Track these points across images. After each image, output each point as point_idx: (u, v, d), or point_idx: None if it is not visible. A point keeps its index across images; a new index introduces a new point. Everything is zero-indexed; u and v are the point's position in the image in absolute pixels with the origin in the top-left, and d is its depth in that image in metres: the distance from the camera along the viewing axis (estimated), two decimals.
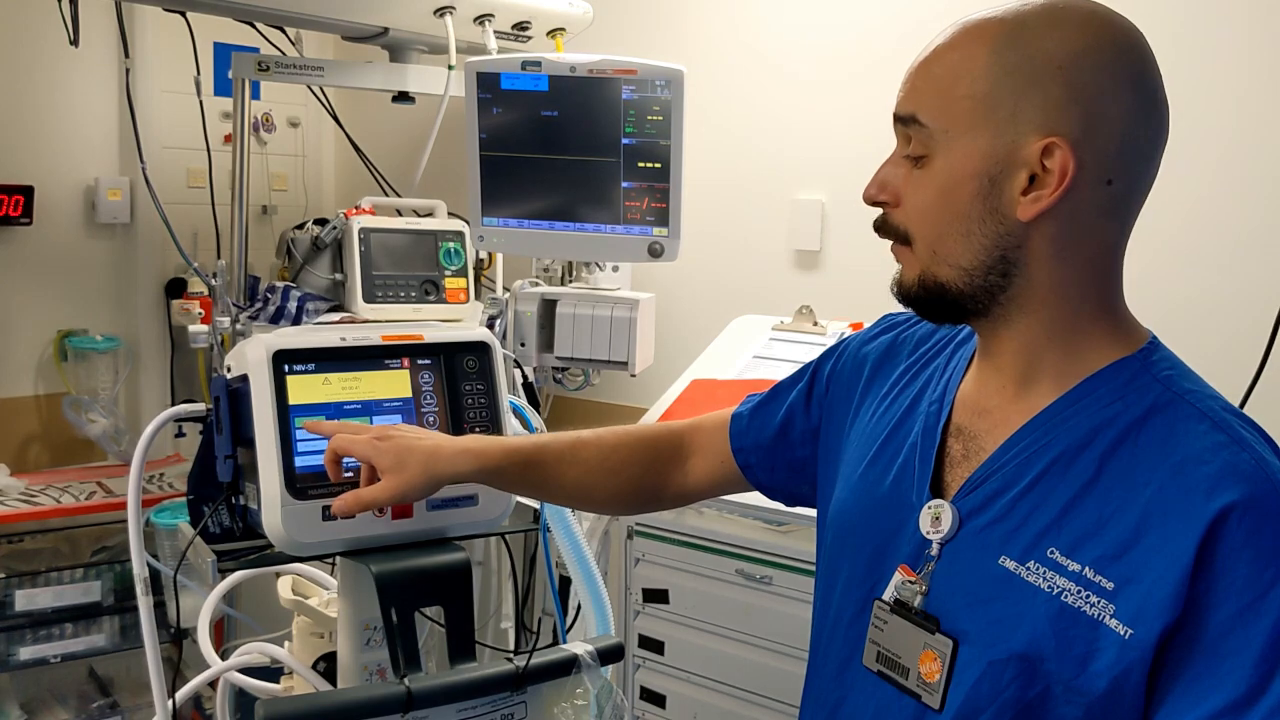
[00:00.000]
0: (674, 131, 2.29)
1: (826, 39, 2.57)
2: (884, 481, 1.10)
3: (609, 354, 2.44)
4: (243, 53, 2.66)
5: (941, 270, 1.00)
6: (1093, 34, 0.94)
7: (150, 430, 1.31)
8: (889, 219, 1.04)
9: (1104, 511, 0.93)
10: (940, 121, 0.97)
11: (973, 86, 0.95)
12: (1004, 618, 0.96)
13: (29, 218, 2.99)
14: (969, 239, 0.98)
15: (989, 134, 0.95)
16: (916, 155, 1.00)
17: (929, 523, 1.03)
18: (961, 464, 1.05)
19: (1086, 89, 0.93)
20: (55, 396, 3.10)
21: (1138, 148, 0.96)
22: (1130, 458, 0.94)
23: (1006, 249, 0.97)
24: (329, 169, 3.69)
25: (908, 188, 1.01)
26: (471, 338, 1.39)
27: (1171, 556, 0.89)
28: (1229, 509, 0.88)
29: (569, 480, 1.29)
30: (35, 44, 2.97)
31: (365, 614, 1.30)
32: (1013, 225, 0.96)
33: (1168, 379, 0.97)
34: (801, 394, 1.29)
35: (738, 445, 1.32)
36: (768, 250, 2.72)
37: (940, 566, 1.02)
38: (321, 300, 2.68)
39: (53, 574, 2.70)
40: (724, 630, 2.06)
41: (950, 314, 1.04)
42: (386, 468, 1.17)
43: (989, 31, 0.96)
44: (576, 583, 1.39)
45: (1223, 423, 0.93)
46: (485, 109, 2.39)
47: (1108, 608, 0.91)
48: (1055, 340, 1.00)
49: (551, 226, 2.42)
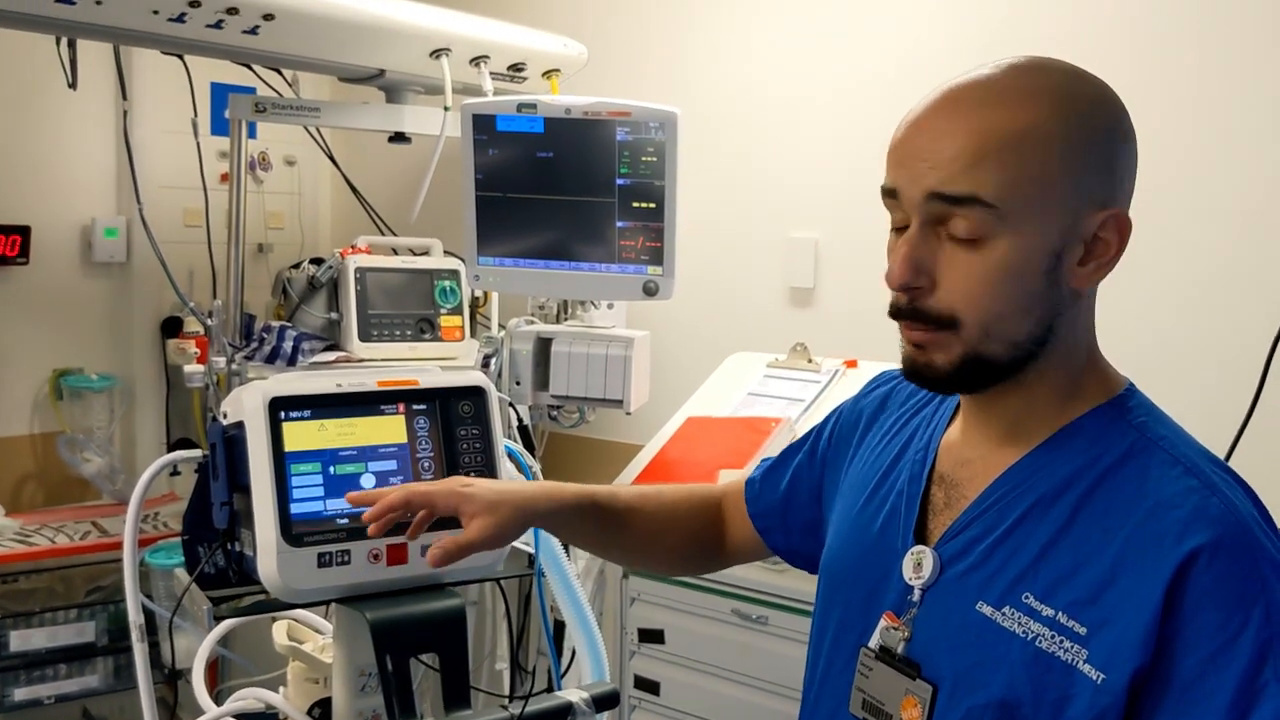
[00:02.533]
0: (668, 172, 2.31)
1: (819, 80, 2.59)
2: (872, 528, 1.11)
3: (604, 392, 2.44)
4: (240, 93, 2.68)
5: (992, 348, 0.97)
6: (1110, 100, 0.98)
7: (146, 477, 1.32)
8: (924, 303, 0.98)
9: (1078, 557, 0.94)
10: (1009, 202, 0.93)
11: (1039, 169, 0.93)
12: (981, 663, 0.97)
13: (26, 257, 3.00)
14: (1029, 314, 0.97)
15: (1055, 212, 0.95)
16: (971, 237, 0.95)
17: (911, 569, 1.04)
18: (944, 511, 1.06)
19: (1118, 156, 0.97)
20: (50, 435, 3.10)
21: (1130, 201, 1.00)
22: (1105, 503, 0.95)
23: (1053, 318, 0.98)
24: (325, 208, 3.70)
25: (950, 269, 0.96)
26: (467, 383, 1.39)
27: (1141, 600, 0.89)
28: (1197, 552, 0.88)
29: (637, 529, 1.31)
30: (34, 86, 2.99)
31: (360, 660, 1.30)
32: (1067, 296, 0.98)
33: (1142, 425, 0.98)
34: (806, 454, 1.31)
35: (753, 510, 1.34)
36: (762, 288, 2.73)
37: (922, 612, 1.02)
38: (317, 339, 2.68)
39: (47, 614, 2.69)
40: (720, 670, 2.05)
41: (981, 386, 1.01)
42: (477, 511, 1.17)
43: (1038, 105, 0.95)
44: (571, 627, 1.39)
45: (1194, 468, 0.94)
46: (481, 149, 2.40)
47: (1081, 653, 0.91)
48: (1057, 395, 1.01)
49: (547, 265, 2.43)
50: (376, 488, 1.30)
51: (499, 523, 1.17)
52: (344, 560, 1.26)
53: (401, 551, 1.29)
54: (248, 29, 2.27)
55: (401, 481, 1.32)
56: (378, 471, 1.32)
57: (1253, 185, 2.07)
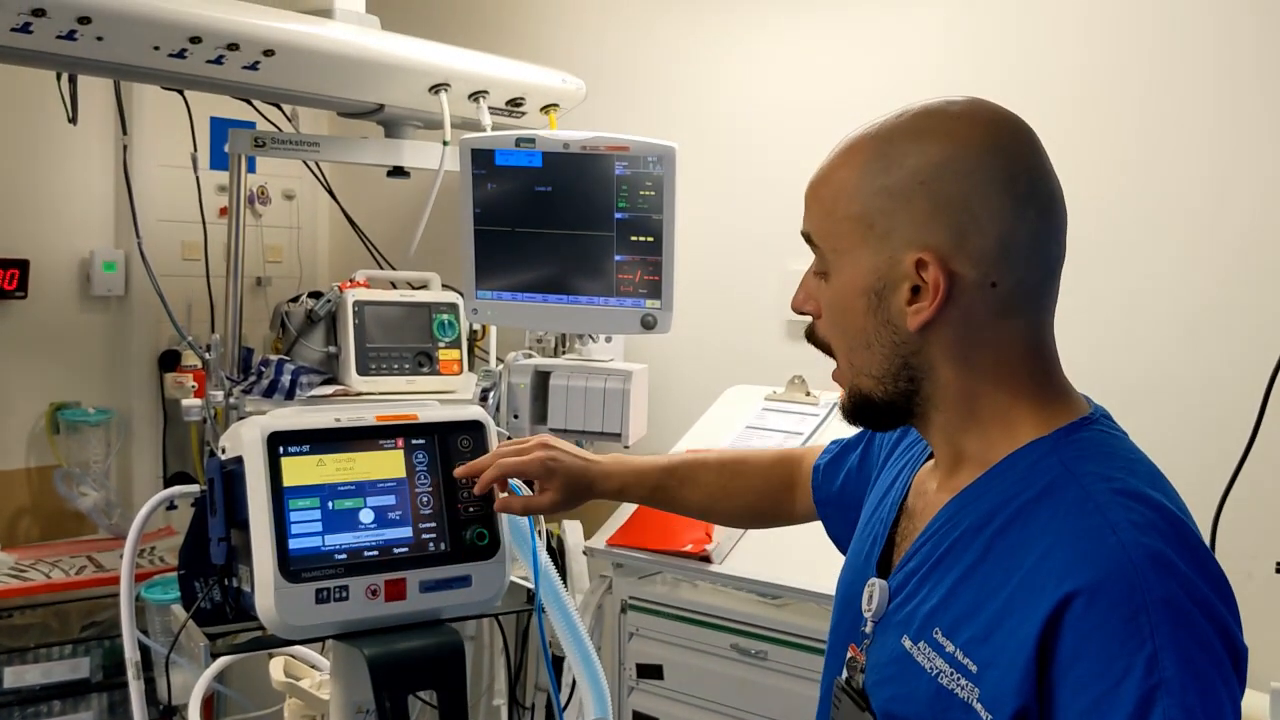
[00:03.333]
0: (666, 206, 2.31)
1: (816, 110, 2.60)
2: (861, 553, 1.12)
3: (602, 425, 2.44)
4: (239, 128, 2.69)
5: (862, 381, 1.01)
6: (954, 142, 0.95)
7: (144, 512, 1.31)
8: (815, 330, 1.06)
9: (981, 594, 0.93)
10: (828, 242, 1.00)
11: (849, 207, 0.98)
12: (899, 697, 0.97)
13: (24, 291, 3.01)
14: (870, 350, 0.99)
15: (869, 252, 0.97)
16: (820, 271, 1.02)
17: (866, 600, 1.04)
18: (903, 543, 1.06)
19: (951, 200, 0.94)
20: (47, 469, 3.09)
21: (1018, 246, 0.95)
22: (1016, 540, 0.92)
23: (907, 355, 0.98)
24: (324, 241, 3.71)
25: (821, 301, 1.03)
26: (465, 417, 1.39)
27: (1020, 642, 0.87)
28: (1072, 595, 0.85)
29: (692, 502, 1.43)
30: (34, 121, 3.00)
31: (358, 696, 1.29)
32: (905, 335, 0.97)
33: (1071, 459, 0.94)
34: (859, 457, 1.31)
35: (817, 497, 1.36)
36: (759, 320, 2.72)
37: (872, 644, 1.03)
38: (315, 373, 2.67)
39: (41, 650, 2.68)
40: (719, 706, 2.03)
41: (885, 420, 1.04)
42: (554, 485, 1.33)
43: (861, 150, 0.99)
44: (572, 663, 1.38)
45: (1101, 506, 0.89)
46: (480, 184, 2.41)
47: (974, 691, 0.90)
48: (971, 430, 1.00)
49: (545, 299, 2.43)
50: (375, 523, 1.30)
51: (569, 498, 1.34)
52: (342, 596, 1.25)
53: (399, 587, 1.28)
54: (248, 64, 2.28)
55: (400, 517, 1.32)
56: (376, 506, 1.31)
57: (1253, 212, 2.08)
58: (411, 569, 1.30)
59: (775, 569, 1.96)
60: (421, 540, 1.32)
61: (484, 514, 1.35)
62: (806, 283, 1.05)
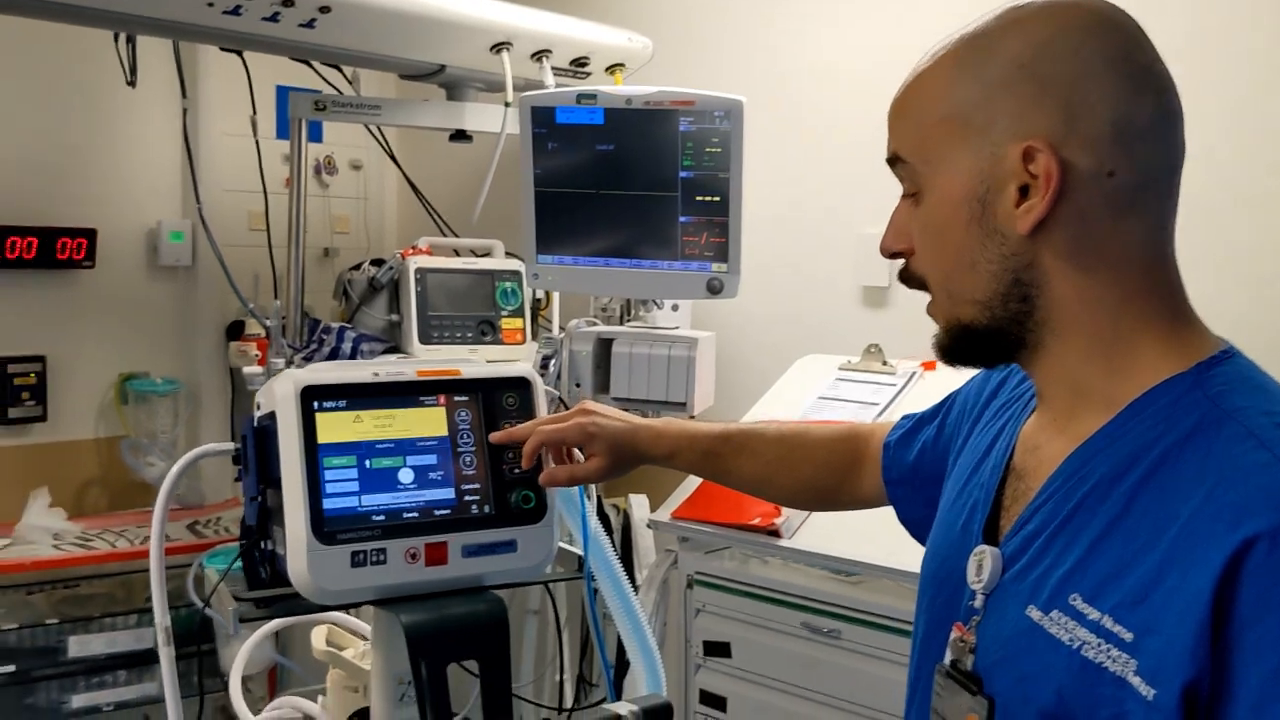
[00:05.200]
0: (733, 164, 2.21)
1: (891, 65, 2.46)
2: (955, 526, 1.00)
3: (666, 394, 2.35)
4: (300, 93, 2.65)
5: (962, 311, 0.92)
6: (1056, 23, 0.88)
7: (175, 471, 1.26)
8: (909, 268, 0.97)
9: (1128, 550, 0.81)
10: (919, 153, 0.92)
11: (941, 109, 0.91)
12: (1029, 675, 0.85)
13: (91, 261, 3.01)
14: (974, 270, 0.90)
15: (968, 153, 0.89)
16: (912, 193, 0.94)
17: (974, 571, 0.93)
18: (1013, 506, 0.95)
19: (1057, 80, 0.86)
20: (114, 439, 3.10)
21: (1135, 131, 0.86)
22: (1163, 487, 0.81)
23: (1017, 270, 0.88)
24: (391, 211, 3.69)
25: (914, 230, 0.95)
26: (511, 373, 1.31)
27: (1188, 599, 0.75)
28: (1252, 540, 0.74)
29: (744, 473, 1.33)
30: (93, 84, 2.99)
31: (398, 667, 1.22)
32: (1015, 243, 0.88)
33: (1218, 395, 0.83)
34: (935, 429, 1.20)
35: (888, 477, 1.25)
36: (833, 287, 2.63)
37: (984, 620, 0.92)
38: (377, 341, 2.64)
39: (106, 620, 2.67)
40: (790, 687, 1.96)
41: (989, 356, 0.96)
42: (598, 451, 1.28)
43: (952, 51, 0.92)
44: (623, 634, 1.30)
45: (1271, 440, 0.79)
46: (540, 144, 2.33)
47: (1130, 663, 0.78)
48: (1095, 361, 0.89)
49: (607, 263, 2.35)
50: (415, 483, 1.23)
51: (616, 464, 1.29)
52: (379, 560, 1.18)
53: (440, 551, 1.21)
54: (304, 22, 2.23)
55: (441, 478, 1.24)
56: (416, 466, 1.23)
57: None
58: (453, 532, 1.22)
59: (849, 544, 1.88)
60: (464, 502, 1.24)
61: (530, 476, 1.27)
62: (895, 218, 0.97)
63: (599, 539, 1.32)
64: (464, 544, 1.22)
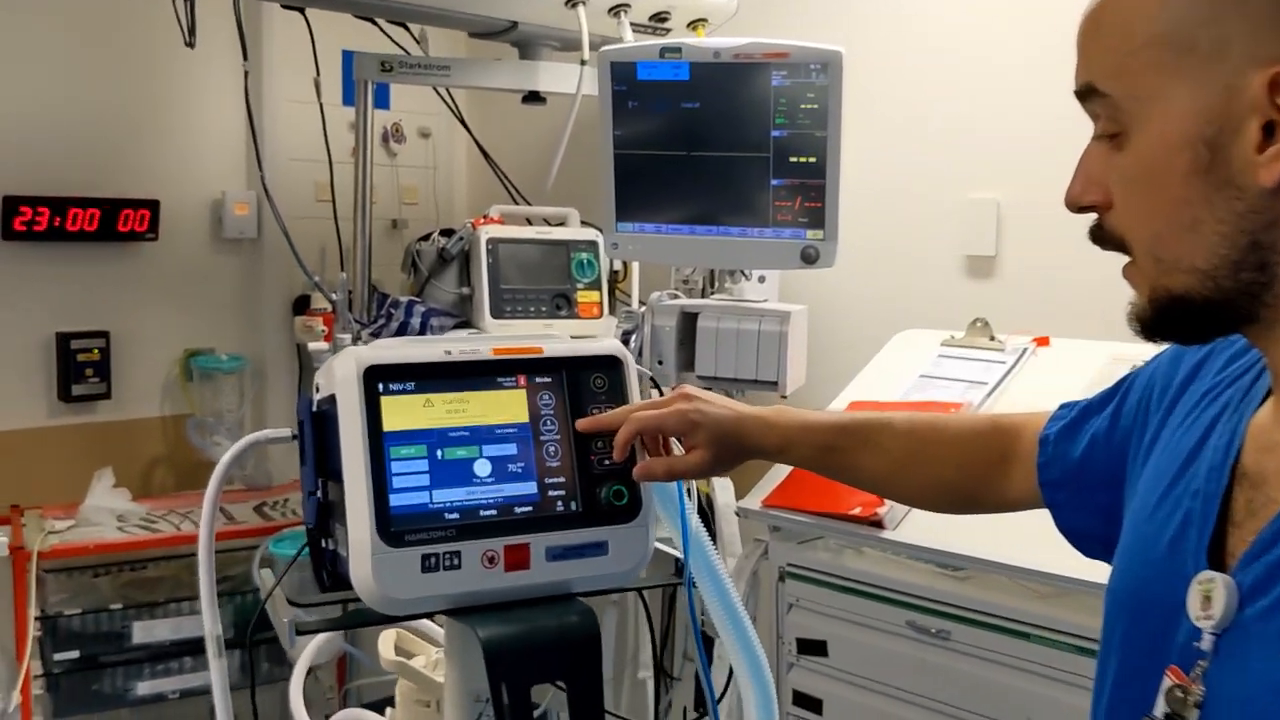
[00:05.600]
0: (830, 122, 2.04)
1: (1003, 16, 2.32)
2: (1160, 541, 0.82)
3: (756, 373, 2.20)
4: (365, 55, 2.53)
5: (1174, 280, 0.76)
6: None
7: (227, 458, 1.15)
8: (1104, 224, 0.81)
9: None
10: (1124, 85, 0.76)
11: (1153, 28, 0.74)
12: None
13: (155, 233, 2.94)
14: (1196, 231, 0.73)
15: (1191, 85, 0.72)
16: (1110, 134, 0.78)
17: (1198, 604, 0.75)
18: (1247, 521, 0.77)
19: None
20: (180, 418, 3.04)
21: None
22: None
23: (1255, 232, 0.72)
24: (461, 180, 3.58)
25: (1113, 179, 0.78)
26: (599, 351, 1.17)
27: None
28: None
29: (867, 469, 1.18)
30: (150, 46, 2.90)
31: (475, 685, 1.09)
32: (1255, 198, 0.71)
33: None
34: (1107, 420, 1.01)
35: (1044, 479, 1.06)
36: (936, 257, 2.49)
37: (1215, 666, 0.74)
38: (447, 316, 2.55)
39: (171, 605, 2.61)
40: (893, 690, 1.84)
41: (1204, 331, 0.80)
42: (700, 443, 1.13)
43: None
44: (730, 653, 1.14)
45: None
46: (620, 103, 2.18)
47: None
48: None
49: (692, 231, 2.19)
50: (493, 477, 1.09)
51: (719, 457, 1.14)
52: (453, 564, 1.05)
53: (522, 554, 1.07)
54: None
55: (522, 470, 1.11)
56: (494, 456, 1.10)
57: None
58: (536, 532, 1.09)
59: (957, 537, 1.73)
60: (548, 498, 1.11)
61: (623, 469, 1.13)
62: (1087, 162, 0.80)
63: (701, 540, 1.16)
64: (548, 546, 1.09)
